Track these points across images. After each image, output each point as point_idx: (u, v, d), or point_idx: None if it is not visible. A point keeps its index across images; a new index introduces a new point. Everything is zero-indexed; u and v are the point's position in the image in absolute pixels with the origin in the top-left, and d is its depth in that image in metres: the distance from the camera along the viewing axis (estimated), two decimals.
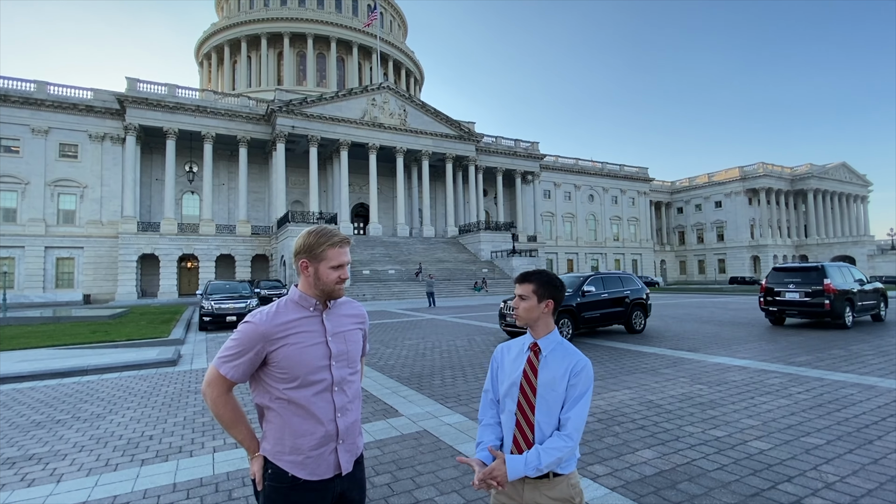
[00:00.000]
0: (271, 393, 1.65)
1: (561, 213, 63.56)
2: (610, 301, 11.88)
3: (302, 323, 1.67)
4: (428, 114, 48.42)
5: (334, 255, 1.68)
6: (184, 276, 40.95)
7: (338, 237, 1.71)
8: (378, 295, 31.37)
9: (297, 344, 1.63)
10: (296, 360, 1.62)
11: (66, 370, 8.38)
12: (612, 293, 12.02)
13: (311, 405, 1.63)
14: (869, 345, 9.60)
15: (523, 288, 1.81)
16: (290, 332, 1.63)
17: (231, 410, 1.64)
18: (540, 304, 1.80)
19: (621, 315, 12.03)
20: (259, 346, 1.60)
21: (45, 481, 3.84)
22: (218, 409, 1.62)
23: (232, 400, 1.65)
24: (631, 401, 5.80)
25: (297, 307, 1.69)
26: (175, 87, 39.70)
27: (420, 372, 7.88)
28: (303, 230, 1.74)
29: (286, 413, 1.63)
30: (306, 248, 1.68)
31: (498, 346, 1.95)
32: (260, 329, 1.60)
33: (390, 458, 4.13)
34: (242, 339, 1.60)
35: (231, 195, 44.23)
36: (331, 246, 1.68)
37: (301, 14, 58.01)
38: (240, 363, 1.60)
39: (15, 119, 36.03)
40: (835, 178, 73.34)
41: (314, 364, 1.64)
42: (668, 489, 3.41)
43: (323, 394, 1.65)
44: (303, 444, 1.62)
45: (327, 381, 1.66)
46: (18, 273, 35.48)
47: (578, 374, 1.71)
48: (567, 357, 1.76)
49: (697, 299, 27.18)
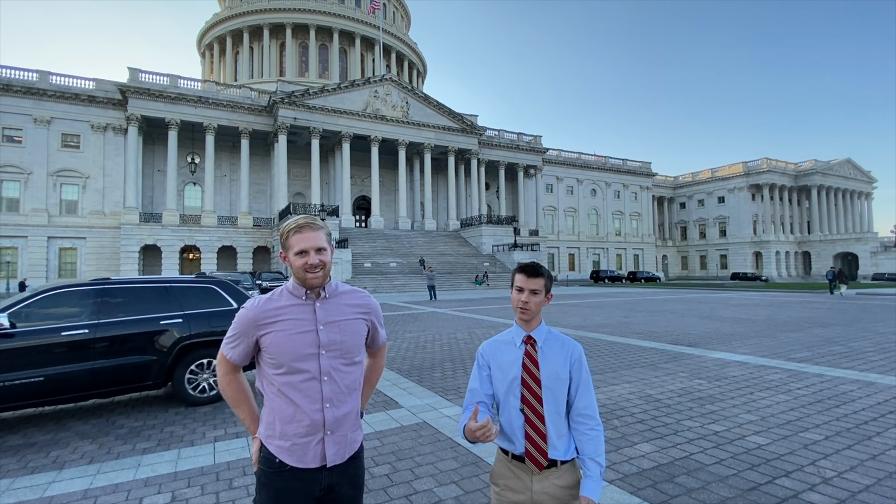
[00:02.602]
0: (266, 377, 1.70)
1: (563, 208, 63.43)
2: (81, 349, 5.01)
3: (292, 310, 1.68)
4: (430, 106, 48.20)
5: (295, 242, 1.66)
6: (186, 268, 41.03)
7: (300, 220, 1.68)
8: (379, 287, 31.42)
9: (284, 331, 1.65)
10: (282, 346, 1.64)
11: None
12: (101, 328, 5.14)
13: (297, 392, 1.64)
14: (869, 342, 9.60)
15: (537, 282, 1.78)
16: (279, 319, 1.66)
17: (235, 390, 1.74)
18: (545, 297, 1.82)
19: (138, 373, 5.35)
20: (250, 330, 1.67)
21: (47, 468, 3.87)
22: (223, 387, 1.75)
23: (236, 380, 1.75)
24: (630, 395, 5.81)
25: (290, 295, 1.71)
26: (177, 77, 39.57)
27: (420, 364, 7.91)
28: None
29: (276, 398, 1.67)
30: (281, 240, 1.71)
31: (483, 344, 1.91)
32: (249, 315, 1.67)
33: (390, 450, 4.15)
34: (237, 324, 1.69)
35: (233, 187, 44.22)
36: (293, 232, 1.67)
37: (303, 5, 57.63)
38: (236, 346, 1.69)
39: (17, 109, 36.00)
40: (839, 175, 72.92)
41: (301, 352, 1.64)
42: (665, 483, 3.43)
43: (310, 382, 1.65)
44: (290, 430, 1.64)
45: (314, 371, 1.65)
46: (21, 263, 35.62)
47: (578, 361, 1.79)
48: (563, 346, 1.79)
49: (698, 295, 27.17)
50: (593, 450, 1.73)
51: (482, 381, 1.83)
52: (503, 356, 1.82)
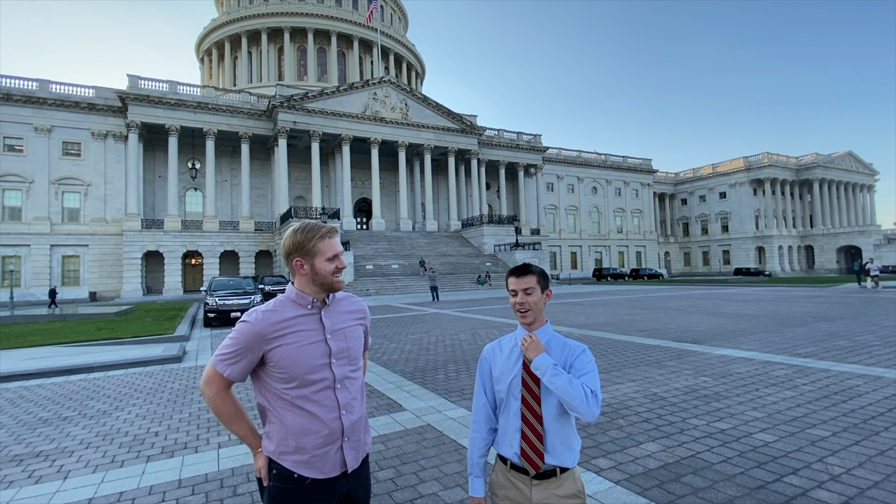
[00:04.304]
0: (272, 392, 1.63)
1: (564, 206, 63.34)
2: None
3: (299, 321, 1.64)
4: (430, 107, 48.20)
5: (326, 247, 1.66)
6: (188, 273, 41.11)
7: (325, 228, 1.69)
8: (381, 289, 31.42)
9: (294, 343, 1.60)
10: (294, 359, 1.59)
11: (72, 367, 8.44)
12: None
13: (313, 404, 1.61)
14: (875, 335, 9.54)
15: (528, 280, 1.78)
16: (288, 331, 1.61)
17: (230, 407, 1.62)
18: (542, 294, 1.80)
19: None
20: (255, 345, 1.58)
21: (52, 478, 3.87)
22: (217, 406, 1.61)
23: (230, 397, 1.63)
24: (635, 393, 5.78)
25: (294, 305, 1.67)
26: (176, 83, 39.66)
27: (424, 366, 7.89)
28: (287, 231, 1.70)
29: (288, 413, 1.61)
30: (297, 247, 1.66)
31: (487, 346, 1.92)
32: (256, 328, 1.58)
33: (394, 453, 4.14)
34: (239, 339, 1.58)
35: (234, 191, 44.30)
36: (321, 238, 1.66)
37: (301, 8, 57.74)
38: (237, 362, 1.58)
39: (18, 118, 36.13)
40: (841, 168, 72.63)
41: (313, 363, 1.61)
42: (672, 482, 3.40)
43: (325, 392, 1.63)
44: (307, 442, 1.60)
45: (329, 380, 1.64)
46: (25, 271, 35.74)
47: (579, 357, 1.73)
48: (565, 348, 1.77)
49: (702, 291, 27.08)
50: (575, 382, 1.61)
51: (484, 382, 1.87)
52: (504, 357, 1.83)
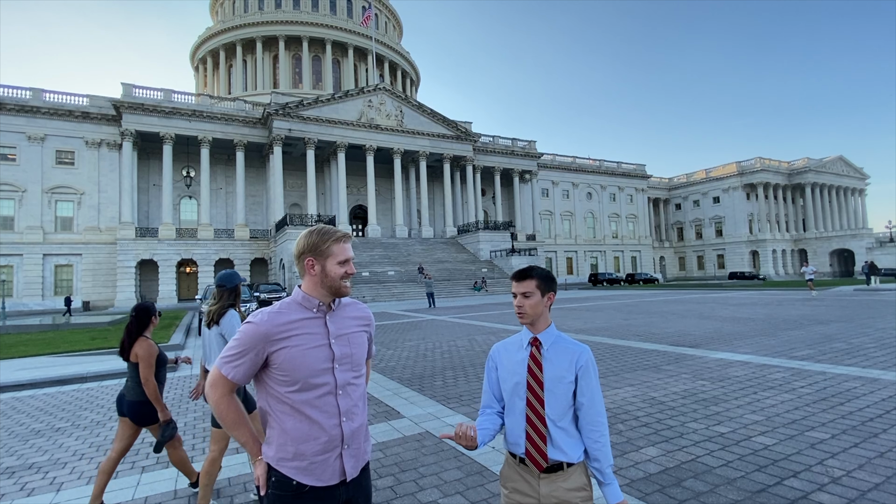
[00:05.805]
0: (274, 396, 1.62)
1: (559, 212, 63.56)
2: None
3: (304, 324, 1.63)
4: (424, 114, 48.39)
5: (339, 251, 1.68)
6: (183, 281, 40.87)
7: (340, 232, 1.72)
8: (378, 296, 31.33)
9: (298, 346, 1.59)
10: (297, 362, 1.58)
11: (65, 378, 8.34)
12: None
13: (314, 409, 1.59)
14: (870, 337, 9.60)
15: (526, 285, 1.81)
16: (292, 334, 1.60)
17: (234, 412, 1.61)
18: (543, 298, 1.81)
19: None
20: (260, 346, 1.57)
21: (45, 490, 3.81)
22: (221, 411, 1.59)
23: (235, 401, 1.62)
24: (634, 398, 5.77)
25: (300, 308, 1.66)
26: (171, 91, 39.62)
27: (421, 373, 7.85)
28: (302, 232, 1.71)
29: (289, 417, 1.59)
30: (311, 247, 1.67)
31: (494, 347, 1.95)
32: (261, 329, 1.57)
33: (393, 461, 4.10)
34: (243, 340, 1.57)
35: (229, 199, 44.15)
36: (335, 241, 1.68)
37: (296, 17, 57.96)
38: (241, 364, 1.57)
39: (11, 126, 35.94)
40: (832, 172, 73.36)
41: (316, 367, 1.60)
42: (673, 487, 3.39)
43: (326, 397, 1.62)
44: (306, 449, 1.58)
45: (330, 385, 1.62)
46: (17, 281, 35.37)
47: (585, 367, 1.77)
48: (569, 349, 1.79)
49: (697, 295, 27.17)
50: (604, 456, 1.74)
51: (490, 381, 1.90)
52: (510, 358, 1.85)
